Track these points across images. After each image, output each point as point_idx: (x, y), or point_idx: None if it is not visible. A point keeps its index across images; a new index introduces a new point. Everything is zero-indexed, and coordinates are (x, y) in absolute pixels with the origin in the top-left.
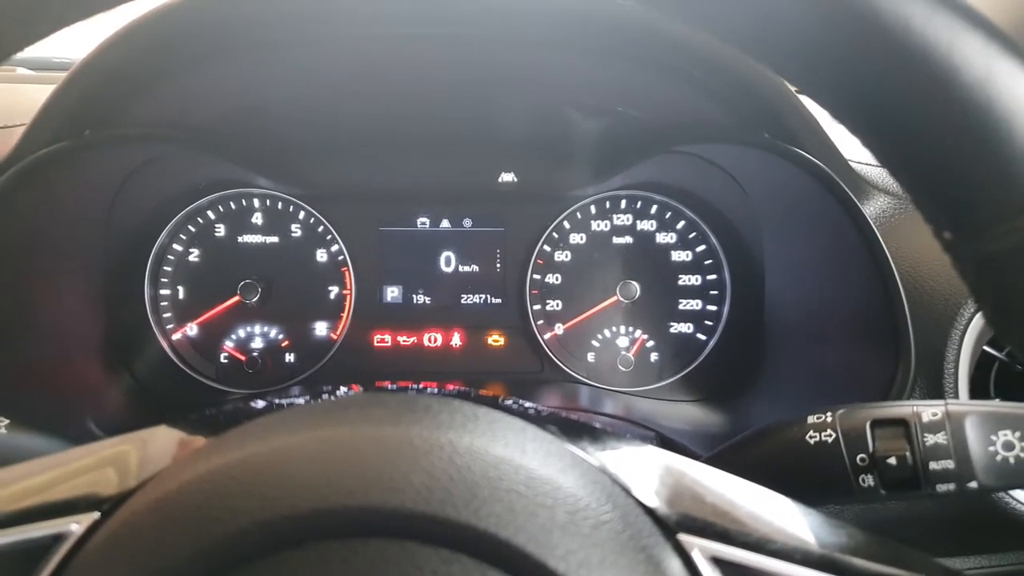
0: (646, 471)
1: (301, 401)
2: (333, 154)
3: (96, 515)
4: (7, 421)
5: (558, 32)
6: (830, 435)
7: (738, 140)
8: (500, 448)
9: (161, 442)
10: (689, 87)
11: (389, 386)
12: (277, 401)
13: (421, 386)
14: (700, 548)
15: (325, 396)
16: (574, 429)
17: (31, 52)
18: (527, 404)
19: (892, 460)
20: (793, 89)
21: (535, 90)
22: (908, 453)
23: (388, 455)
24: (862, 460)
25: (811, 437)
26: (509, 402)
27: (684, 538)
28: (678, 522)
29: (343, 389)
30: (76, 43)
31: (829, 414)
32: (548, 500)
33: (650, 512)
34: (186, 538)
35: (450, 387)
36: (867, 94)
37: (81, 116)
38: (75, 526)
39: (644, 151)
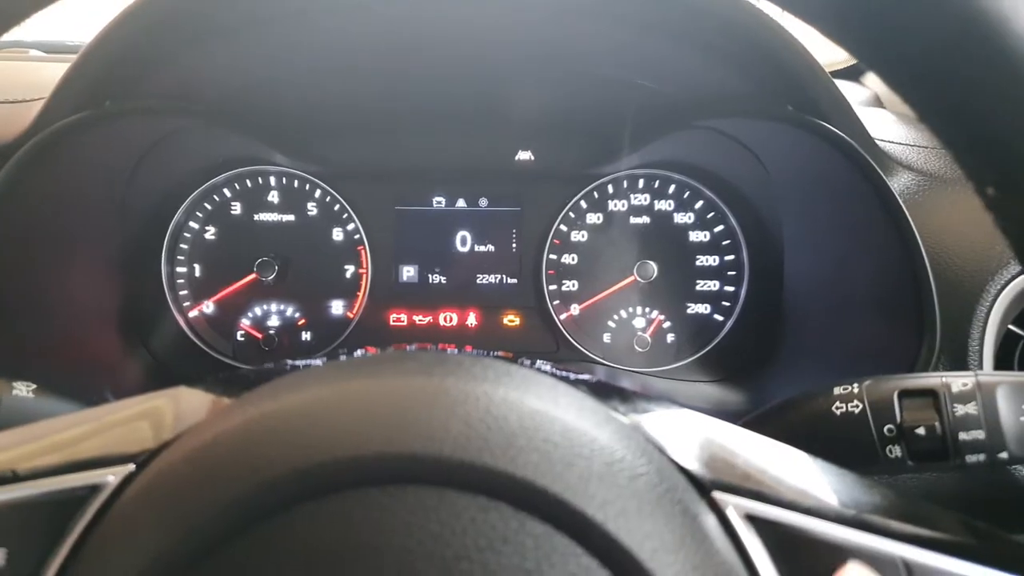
0: (678, 432)
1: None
2: (350, 132)
3: (131, 467)
4: (34, 386)
5: (576, 2)
6: (857, 406)
7: (761, 113)
8: (535, 401)
9: (195, 398)
10: (711, 58)
11: (407, 348)
12: (308, 362)
13: (439, 348)
14: (735, 506)
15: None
16: (605, 390)
17: (44, 35)
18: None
19: (920, 430)
20: (819, 61)
21: (552, 64)
22: (937, 423)
23: (425, 404)
24: (889, 431)
25: (837, 408)
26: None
27: (719, 496)
28: (712, 480)
29: (360, 351)
30: (89, 26)
31: (855, 385)
32: (585, 451)
33: (684, 471)
34: (222, 487)
35: (469, 349)
36: (911, 43)
37: (101, 88)
38: (111, 477)
39: (664, 126)
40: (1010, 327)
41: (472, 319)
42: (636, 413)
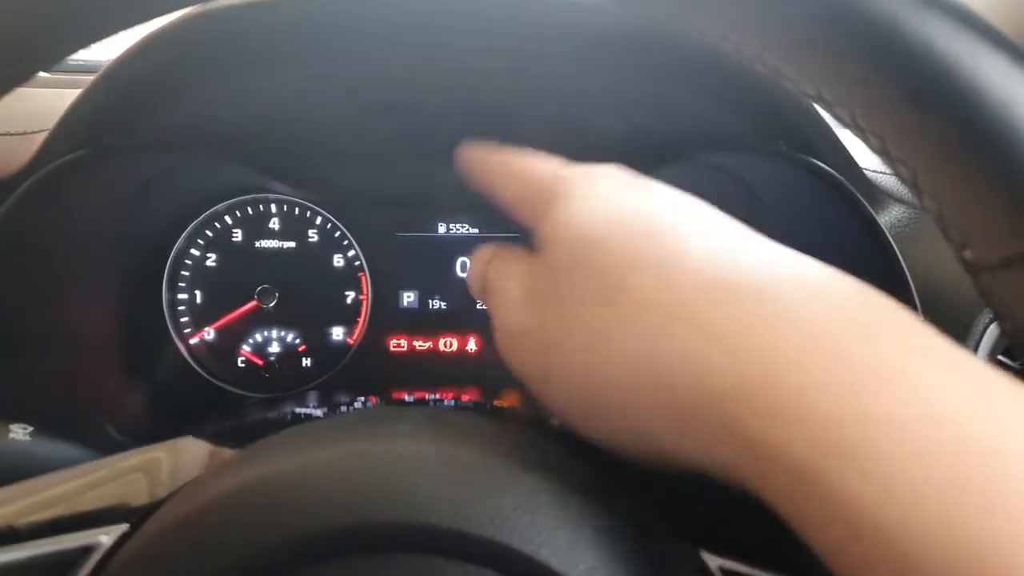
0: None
1: (320, 412)
2: (350, 160)
3: (125, 526)
4: (31, 428)
5: (576, 45)
6: None
7: (754, 149)
8: (525, 465)
9: (189, 452)
10: (705, 97)
11: (406, 397)
12: (303, 411)
13: (438, 397)
14: (721, 567)
15: (344, 407)
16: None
17: None
18: (545, 417)
19: None
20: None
21: (552, 100)
22: None
23: (413, 471)
24: None
25: None
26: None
27: (706, 556)
28: (696, 539)
29: (360, 401)
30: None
31: None
32: (574, 516)
33: (672, 533)
34: (214, 553)
35: (466, 399)
36: (883, 110)
37: (100, 125)
38: (104, 538)
39: (660, 159)
40: (999, 357)
41: (472, 344)
42: (624, 469)
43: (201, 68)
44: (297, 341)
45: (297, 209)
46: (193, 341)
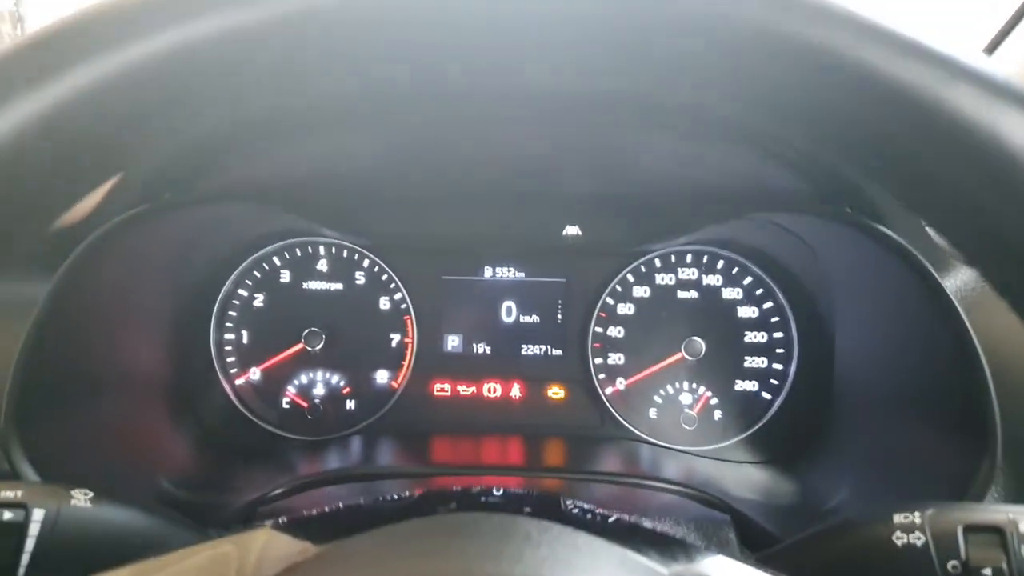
0: None
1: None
2: (399, 206)
3: None
4: (91, 494)
5: (629, 109)
6: (919, 538)
7: (818, 212)
8: None
9: (265, 547)
10: (763, 156)
11: (451, 487)
12: (375, 501)
13: (480, 487)
14: None
15: (391, 497)
16: (663, 544)
17: None
18: (609, 514)
19: (987, 572)
20: None
21: (599, 149)
22: (1004, 565)
23: None
24: (954, 568)
25: (898, 538)
26: (593, 515)
27: None
28: None
29: (406, 492)
30: None
31: (918, 514)
32: None
33: None
34: None
35: (512, 482)
36: (918, 175)
37: (161, 179)
38: None
39: (715, 215)
40: None
41: (516, 391)
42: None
43: (254, 127)
44: (342, 384)
45: (345, 252)
46: (239, 382)
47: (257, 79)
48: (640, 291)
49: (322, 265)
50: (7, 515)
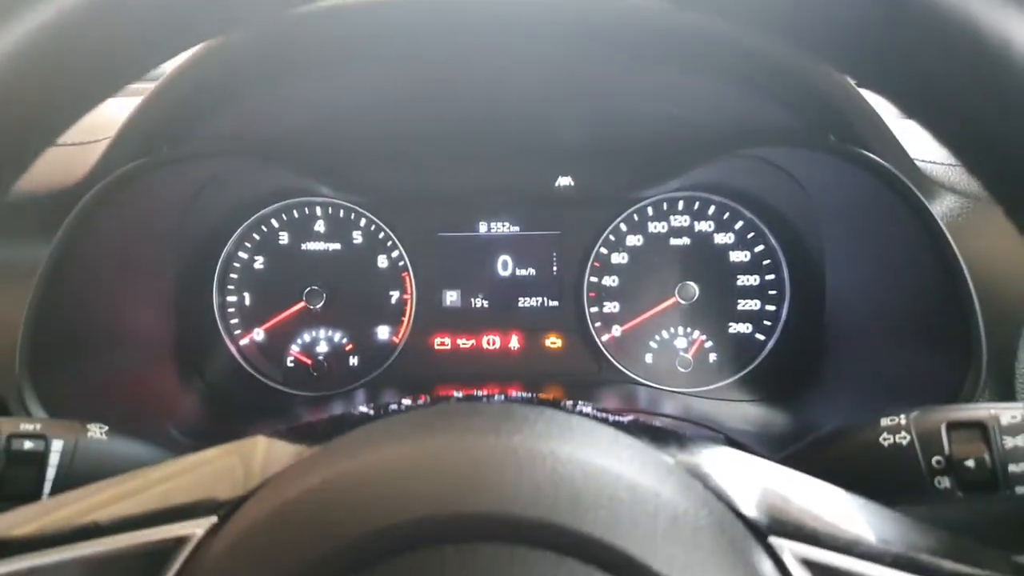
0: (734, 477)
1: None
2: (393, 162)
3: (214, 519)
4: (107, 428)
5: (617, 40)
6: (904, 437)
7: (804, 143)
8: (599, 457)
9: (267, 450)
10: (750, 90)
11: (454, 394)
12: (372, 410)
13: (483, 392)
14: (791, 550)
15: (393, 407)
16: (660, 436)
17: None
18: (606, 411)
19: (970, 462)
20: (856, 87)
21: (592, 96)
22: (986, 455)
23: (495, 464)
24: (938, 463)
25: (884, 439)
26: (589, 409)
27: (775, 541)
28: (769, 526)
29: (407, 400)
30: None
31: (903, 416)
32: (650, 507)
33: (742, 517)
34: (305, 544)
35: (511, 392)
36: (933, 83)
37: (158, 134)
38: (197, 530)
39: (705, 154)
40: None
41: (515, 342)
42: (692, 457)
43: (249, 78)
44: (344, 340)
45: (342, 212)
46: (243, 342)
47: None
48: (633, 240)
49: (320, 226)
50: (28, 444)
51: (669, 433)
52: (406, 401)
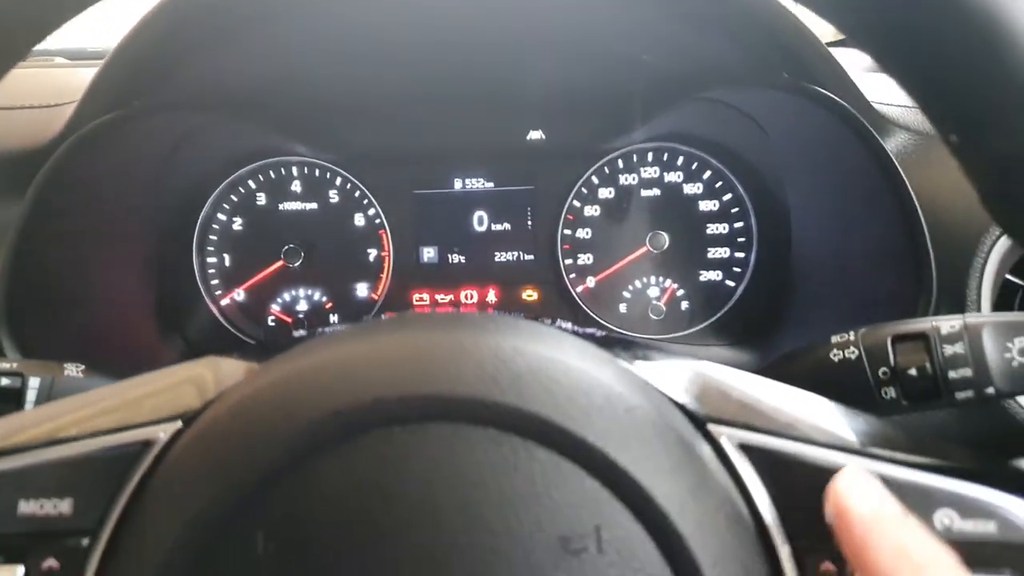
0: (674, 373)
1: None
2: (366, 118)
3: (179, 424)
4: (83, 367)
5: None
6: (853, 352)
7: (758, 81)
8: (541, 348)
9: (232, 365)
10: (710, 32)
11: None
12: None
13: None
14: (728, 436)
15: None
16: (608, 341)
17: (67, 43)
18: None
19: (913, 372)
20: (814, 31)
21: (557, 45)
22: (928, 364)
23: (440, 352)
24: (884, 374)
25: (835, 355)
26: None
27: (713, 428)
28: (706, 414)
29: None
30: (111, 33)
31: (852, 333)
32: (584, 387)
33: (680, 407)
34: (263, 432)
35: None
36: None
37: (129, 89)
38: (162, 434)
39: (668, 99)
40: (1008, 276)
41: (492, 296)
42: (635, 359)
43: (216, 28)
44: (324, 299)
45: (317, 171)
46: (224, 302)
47: None
48: (605, 192)
49: (296, 186)
50: (5, 381)
51: (616, 340)
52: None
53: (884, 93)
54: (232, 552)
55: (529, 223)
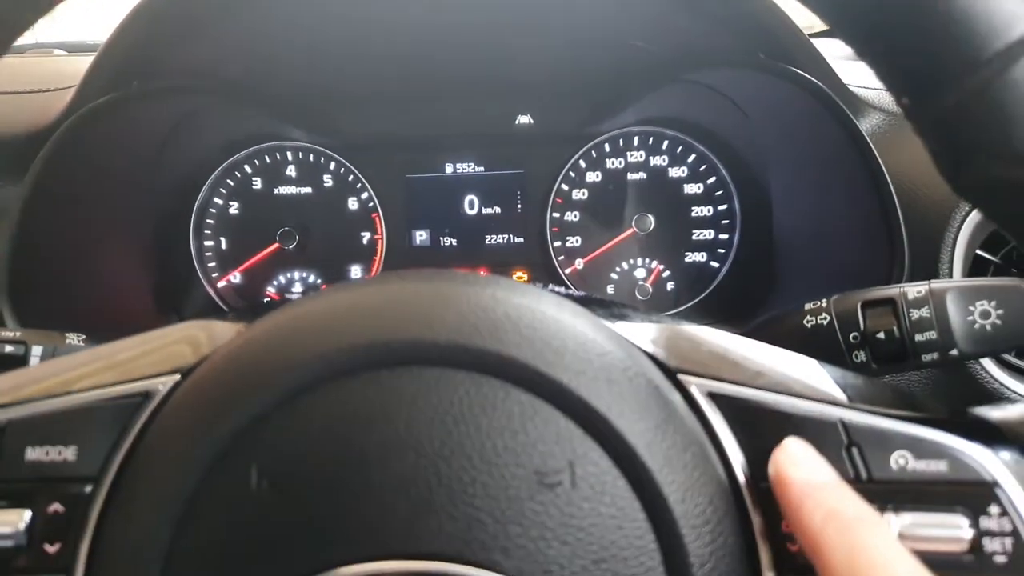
0: (647, 328)
1: None
2: (360, 104)
3: (177, 377)
4: (84, 336)
5: None
6: (825, 318)
7: (736, 63)
8: (518, 298)
9: (224, 326)
10: (693, 16)
11: None
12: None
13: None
14: (697, 385)
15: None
16: (586, 300)
17: (64, 36)
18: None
19: (881, 335)
20: (792, 17)
21: (544, 30)
22: (895, 328)
23: (424, 302)
24: (854, 338)
25: (808, 321)
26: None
27: (683, 378)
28: (677, 366)
29: None
30: (107, 26)
31: (824, 300)
32: (560, 334)
33: (651, 357)
34: (255, 377)
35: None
36: None
37: (128, 72)
38: (161, 386)
39: (652, 82)
40: (978, 252)
41: None
42: (613, 318)
43: (212, 11)
44: (318, 281)
45: (312, 156)
46: (221, 284)
47: None
48: (592, 176)
49: (291, 170)
50: (8, 349)
51: (593, 299)
52: None
53: (865, 78)
54: (227, 490)
55: (519, 207)
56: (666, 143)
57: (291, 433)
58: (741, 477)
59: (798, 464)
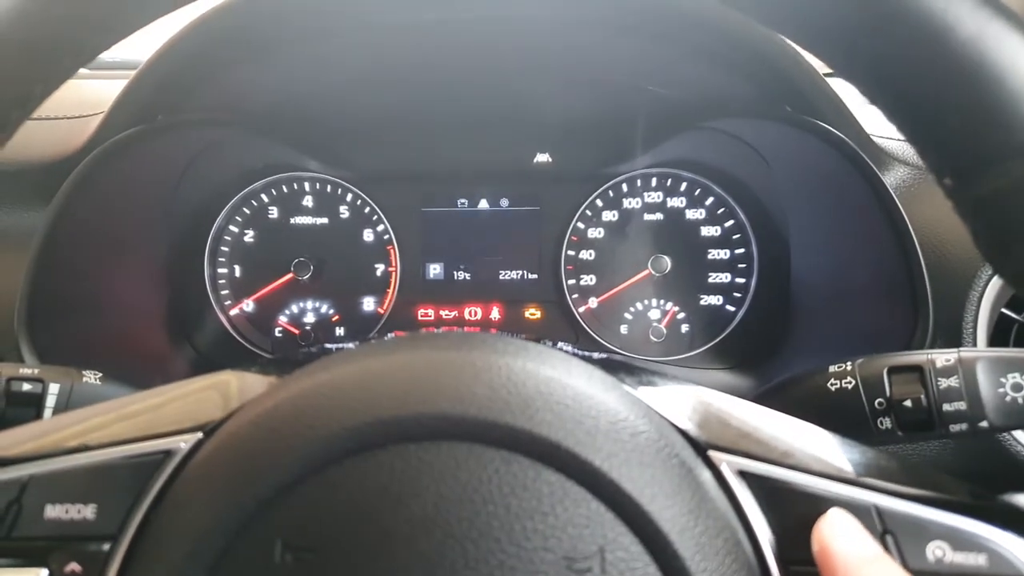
0: (677, 400)
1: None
2: (378, 139)
3: (199, 435)
4: (100, 374)
5: (587, 12)
6: (850, 382)
7: (761, 114)
8: (549, 370)
9: (251, 378)
10: (715, 64)
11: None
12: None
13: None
14: (728, 463)
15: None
16: (613, 365)
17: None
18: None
19: (908, 403)
20: (814, 66)
21: (566, 72)
22: (923, 396)
23: (454, 373)
24: (880, 404)
25: (832, 384)
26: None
27: (713, 454)
28: (708, 442)
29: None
30: (130, 44)
31: (849, 363)
32: (592, 412)
33: (682, 432)
34: (282, 446)
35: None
36: (868, 52)
37: (153, 104)
38: (183, 444)
39: (672, 128)
40: (1003, 311)
41: (496, 313)
42: (640, 384)
43: (237, 50)
44: (331, 312)
45: (329, 187)
46: (233, 312)
47: None
48: (609, 215)
49: (308, 201)
50: (26, 387)
51: (620, 363)
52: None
53: (884, 127)
54: (250, 561)
55: (534, 243)
56: (684, 185)
57: (316, 506)
58: (771, 559)
59: (844, 537)
